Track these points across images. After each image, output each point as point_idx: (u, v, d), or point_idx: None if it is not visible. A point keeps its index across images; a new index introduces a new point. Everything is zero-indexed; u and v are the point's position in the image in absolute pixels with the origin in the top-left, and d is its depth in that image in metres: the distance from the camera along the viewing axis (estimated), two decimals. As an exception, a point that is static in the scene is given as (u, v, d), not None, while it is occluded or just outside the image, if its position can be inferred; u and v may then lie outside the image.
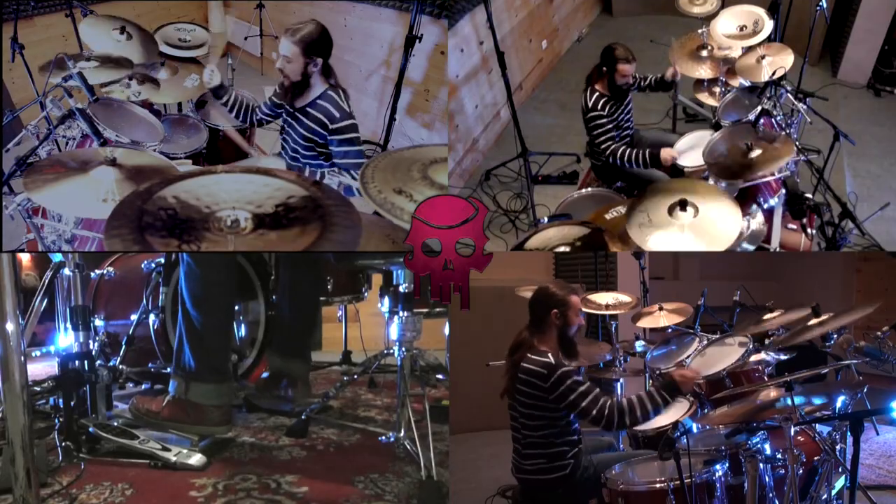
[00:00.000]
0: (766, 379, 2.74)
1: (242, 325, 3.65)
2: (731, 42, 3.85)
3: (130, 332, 3.41)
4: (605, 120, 3.53)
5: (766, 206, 2.96)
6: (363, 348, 4.49)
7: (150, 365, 3.46)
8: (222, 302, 3.07)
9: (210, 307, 2.98)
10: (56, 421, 2.76)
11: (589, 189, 3.70)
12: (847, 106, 5.27)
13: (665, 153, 3.38)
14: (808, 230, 3.07)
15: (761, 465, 2.16)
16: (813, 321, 2.65)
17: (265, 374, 3.58)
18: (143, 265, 3.50)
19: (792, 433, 2.01)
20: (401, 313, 2.89)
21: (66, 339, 2.95)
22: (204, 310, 2.96)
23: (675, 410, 2.52)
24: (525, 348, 2.43)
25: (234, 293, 3.24)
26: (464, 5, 4.46)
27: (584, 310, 2.67)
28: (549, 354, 2.38)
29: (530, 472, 2.44)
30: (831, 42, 5.64)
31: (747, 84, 3.66)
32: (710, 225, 2.39)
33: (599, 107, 3.52)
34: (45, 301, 3.06)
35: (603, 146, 3.54)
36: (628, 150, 3.48)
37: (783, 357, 2.93)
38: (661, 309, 3.45)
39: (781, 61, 3.55)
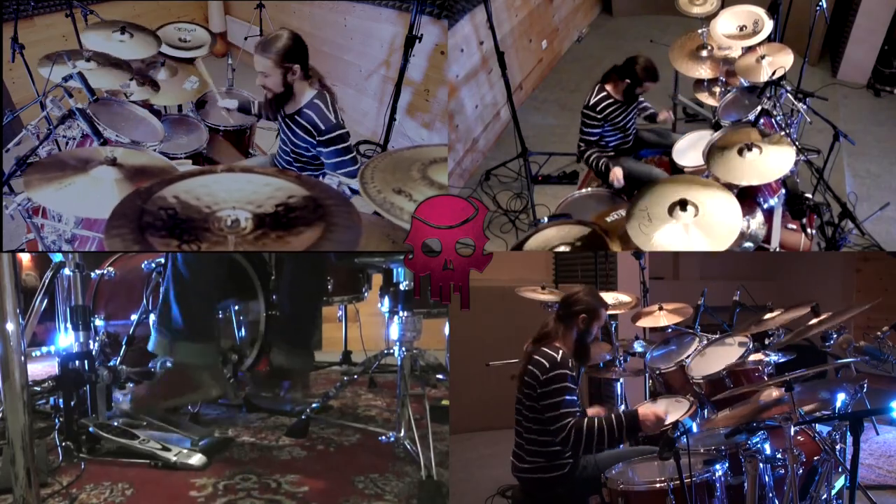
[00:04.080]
0: (766, 379, 2.74)
1: (242, 325, 3.65)
2: (731, 42, 3.85)
3: (130, 332, 3.40)
4: (596, 122, 3.55)
5: (766, 206, 2.96)
6: (363, 348, 4.49)
7: (150, 365, 3.45)
8: (212, 263, 3.06)
9: (199, 266, 2.97)
10: (56, 421, 2.76)
11: (589, 189, 3.70)
12: (847, 106, 5.28)
13: (613, 173, 3.45)
14: (808, 230, 3.07)
15: (761, 465, 2.16)
16: (813, 321, 2.65)
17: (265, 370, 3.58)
18: (143, 265, 3.50)
19: (792, 433, 2.01)
20: (401, 313, 2.89)
21: (66, 339, 2.95)
22: (194, 268, 2.95)
23: (676, 410, 2.52)
24: (545, 339, 2.47)
25: (223, 257, 3.23)
26: (464, 5, 4.47)
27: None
28: (561, 351, 2.41)
29: (529, 470, 2.44)
30: (831, 42, 5.64)
31: (747, 84, 3.66)
32: (711, 223, 2.40)
33: (598, 109, 3.52)
34: (45, 301, 3.06)
35: (581, 146, 3.60)
36: (594, 156, 3.55)
37: (783, 359, 2.93)
38: (661, 309, 3.45)
39: (781, 61, 3.55)
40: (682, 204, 2.42)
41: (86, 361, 2.86)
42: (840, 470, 2.38)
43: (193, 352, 2.96)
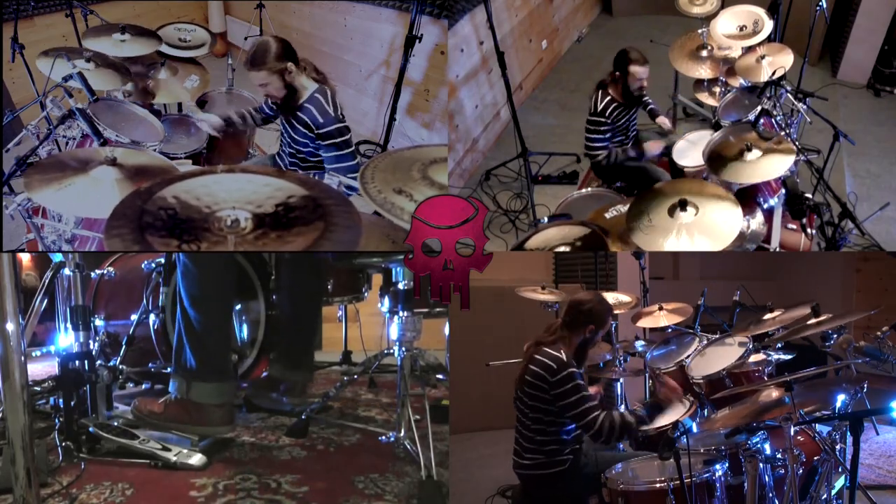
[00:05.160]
0: (766, 379, 2.74)
1: (242, 326, 3.65)
2: (731, 42, 3.85)
3: (130, 332, 3.41)
4: (606, 126, 3.53)
5: (766, 206, 2.96)
6: (363, 348, 4.49)
7: (150, 365, 3.46)
8: (221, 301, 3.07)
9: (208, 307, 2.98)
10: (56, 421, 2.76)
11: (589, 189, 3.70)
12: (847, 106, 5.27)
13: (649, 145, 3.49)
14: (808, 230, 3.07)
15: (761, 465, 2.16)
16: (812, 321, 2.65)
17: (264, 374, 3.57)
18: (143, 265, 3.50)
19: (792, 433, 2.01)
20: (401, 313, 2.89)
21: (66, 339, 2.95)
22: (202, 309, 2.96)
23: (676, 410, 2.52)
24: (545, 342, 2.48)
25: (233, 292, 3.24)
26: (464, 5, 4.46)
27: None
28: (563, 352, 2.42)
29: (528, 467, 2.45)
30: (831, 42, 5.64)
31: (747, 84, 3.66)
32: (711, 224, 2.40)
33: (607, 113, 3.51)
34: (45, 301, 3.06)
35: (595, 150, 3.58)
36: (613, 154, 3.55)
37: (783, 357, 2.93)
38: (661, 309, 3.45)
39: (781, 61, 3.55)
40: (682, 204, 2.42)
41: (86, 361, 2.86)
42: (840, 470, 2.38)
43: (208, 392, 2.97)
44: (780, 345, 2.98)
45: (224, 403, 3.00)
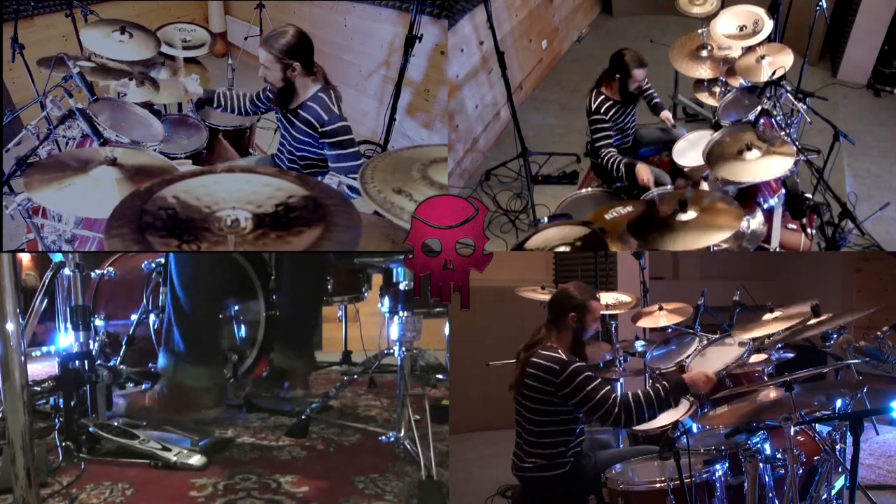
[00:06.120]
0: (766, 379, 2.74)
1: (242, 325, 3.66)
2: (731, 42, 3.85)
3: (130, 332, 3.41)
4: (606, 124, 3.52)
5: (766, 206, 2.96)
6: (363, 348, 4.48)
7: (150, 365, 3.46)
8: (212, 284, 3.07)
9: (200, 288, 2.98)
10: (56, 421, 2.77)
11: (589, 189, 3.70)
12: (847, 106, 5.27)
13: (640, 170, 3.33)
14: (808, 230, 3.07)
15: (761, 465, 2.16)
16: (812, 321, 2.65)
17: (265, 373, 3.58)
18: (143, 265, 3.51)
19: (792, 433, 2.01)
20: (401, 313, 2.89)
21: (66, 339, 2.95)
22: (194, 291, 2.96)
23: (675, 410, 2.52)
24: (538, 345, 2.45)
25: (226, 279, 3.23)
26: (464, 5, 4.47)
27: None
28: (560, 351, 2.40)
29: (530, 469, 2.44)
30: (831, 42, 5.64)
31: (747, 84, 3.66)
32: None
33: (602, 111, 3.51)
34: (45, 301, 3.06)
35: (601, 150, 3.54)
36: (613, 157, 3.47)
37: (785, 355, 2.93)
38: (661, 309, 3.45)
39: (781, 61, 3.55)
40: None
41: (86, 361, 2.86)
42: (840, 470, 2.38)
43: (196, 374, 2.98)
44: (779, 345, 2.98)
45: (212, 386, 3.00)
